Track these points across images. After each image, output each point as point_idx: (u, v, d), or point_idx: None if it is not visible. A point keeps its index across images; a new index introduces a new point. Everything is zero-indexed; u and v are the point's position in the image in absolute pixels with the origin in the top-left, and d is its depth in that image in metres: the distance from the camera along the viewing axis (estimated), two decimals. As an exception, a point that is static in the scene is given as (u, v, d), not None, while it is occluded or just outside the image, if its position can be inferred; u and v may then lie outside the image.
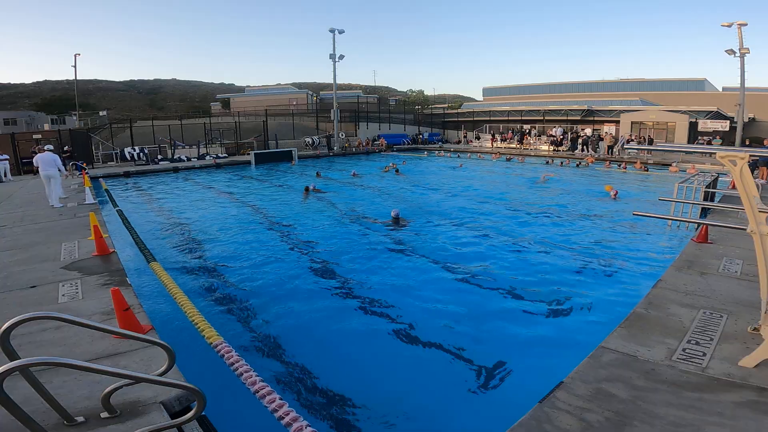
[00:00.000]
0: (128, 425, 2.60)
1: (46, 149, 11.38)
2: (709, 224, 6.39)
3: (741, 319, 4.13)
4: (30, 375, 2.27)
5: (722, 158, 3.10)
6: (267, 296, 6.50)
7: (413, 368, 4.70)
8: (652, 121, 29.20)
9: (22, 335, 3.62)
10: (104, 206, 11.79)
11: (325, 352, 5.02)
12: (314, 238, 9.58)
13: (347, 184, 17.66)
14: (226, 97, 72.54)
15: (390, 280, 7.04)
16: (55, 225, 8.65)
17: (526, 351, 4.89)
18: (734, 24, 22.50)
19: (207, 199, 14.82)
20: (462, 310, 5.94)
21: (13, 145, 21.02)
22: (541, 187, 16.58)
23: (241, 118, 34.56)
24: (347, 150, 32.33)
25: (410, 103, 62.99)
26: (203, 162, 24.31)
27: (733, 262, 5.79)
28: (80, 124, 40.76)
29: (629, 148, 25.86)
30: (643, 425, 2.71)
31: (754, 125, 27.93)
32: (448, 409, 4.06)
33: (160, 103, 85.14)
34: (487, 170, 22.42)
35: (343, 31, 30.74)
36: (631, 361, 3.48)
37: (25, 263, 6.08)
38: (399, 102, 62.24)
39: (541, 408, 2.90)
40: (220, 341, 3.48)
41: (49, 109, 64.23)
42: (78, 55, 35.28)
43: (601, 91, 39.51)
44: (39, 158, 11.01)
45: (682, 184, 9.61)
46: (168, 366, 2.65)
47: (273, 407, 2.60)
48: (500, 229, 10.26)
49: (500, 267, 7.63)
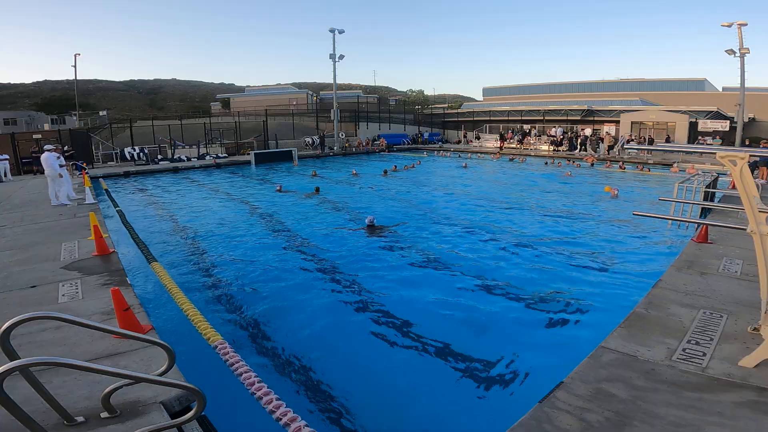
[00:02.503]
0: (128, 425, 2.60)
1: (45, 149, 11.49)
2: (709, 224, 6.39)
3: (741, 319, 4.13)
4: (30, 375, 2.27)
5: (722, 158, 3.10)
6: (267, 296, 6.50)
7: (413, 368, 4.70)
8: (652, 121, 29.20)
9: (22, 335, 3.62)
10: (104, 206, 11.79)
11: (324, 352, 5.01)
12: (315, 238, 9.57)
13: (348, 184, 17.66)
14: (226, 97, 72.54)
15: (390, 281, 7.03)
16: (55, 225, 8.65)
17: (526, 351, 4.88)
18: (734, 24, 22.50)
19: (207, 199, 14.82)
20: (461, 309, 5.94)
21: (13, 145, 21.01)
22: (541, 187, 16.58)
23: (241, 118, 34.53)
24: (347, 150, 32.32)
25: (410, 103, 62.99)
26: (203, 162, 24.31)
27: (733, 262, 5.79)
28: (80, 124, 40.74)
29: (629, 148, 25.86)
30: (643, 425, 2.71)
31: (754, 125, 27.93)
32: (448, 409, 4.06)
33: (160, 103, 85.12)
34: (490, 170, 22.43)
35: (343, 31, 30.75)
36: (631, 361, 3.48)
37: (25, 263, 6.08)
38: (399, 102, 62.25)
39: (541, 408, 2.90)
40: (220, 341, 3.48)
41: (49, 109, 64.21)
42: (78, 55, 35.36)
43: (601, 91, 39.53)
44: (41, 159, 11.25)
45: (682, 184, 9.61)
46: (168, 366, 2.65)
47: (271, 408, 2.60)
48: (500, 229, 10.26)
49: (500, 267, 7.63)
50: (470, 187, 16.63)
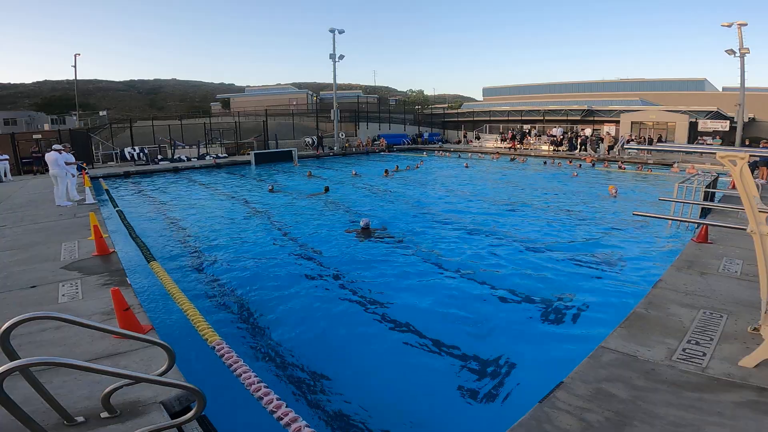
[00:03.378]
0: (128, 425, 2.60)
1: (53, 149, 11.28)
2: (709, 224, 6.39)
3: (741, 319, 4.13)
4: (30, 375, 2.27)
5: (722, 158, 3.10)
6: (267, 296, 6.50)
7: (413, 368, 4.70)
8: (652, 121, 29.21)
9: (22, 335, 3.62)
10: (104, 206, 11.79)
11: (325, 352, 5.01)
12: (315, 239, 9.57)
13: (351, 185, 17.65)
14: (226, 97, 72.51)
15: (390, 281, 7.03)
16: (55, 225, 8.65)
17: (526, 351, 4.89)
18: (734, 24, 22.51)
19: (207, 199, 14.82)
20: (461, 310, 5.93)
21: (13, 145, 21.02)
22: (541, 187, 16.58)
23: (241, 118, 34.51)
24: (347, 150, 32.32)
25: (410, 103, 62.98)
26: (203, 162, 24.31)
27: (733, 262, 5.79)
28: (80, 124, 40.74)
29: (629, 148, 25.86)
30: (643, 425, 2.71)
31: (754, 125, 27.94)
32: (448, 409, 4.06)
33: (160, 103, 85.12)
34: (491, 170, 22.42)
35: (343, 31, 30.76)
36: (631, 361, 3.48)
37: (25, 263, 6.08)
38: (399, 102, 62.23)
39: (541, 408, 2.90)
40: (220, 341, 3.48)
41: (49, 109, 64.21)
42: (78, 55, 35.30)
43: (601, 91, 39.52)
44: (46, 158, 11.10)
45: (682, 184, 9.61)
46: (168, 366, 2.65)
47: (272, 408, 2.60)
48: (500, 228, 10.26)
49: (500, 267, 7.63)
50: (468, 187, 16.63)
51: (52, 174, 10.83)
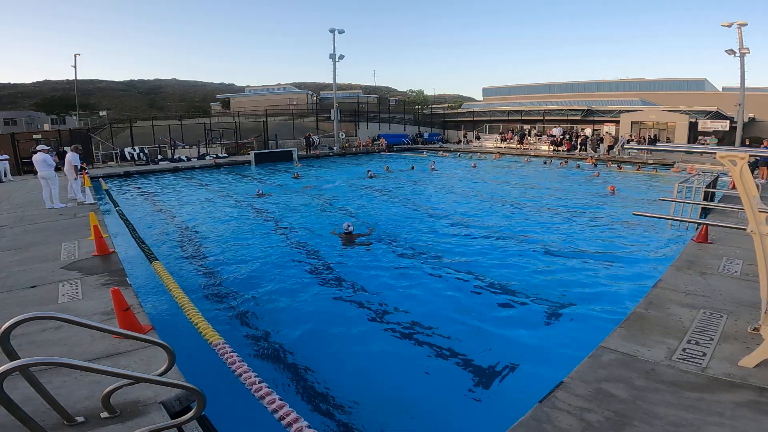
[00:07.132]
0: (128, 425, 2.60)
1: (38, 149, 10.67)
2: (709, 224, 6.39)
3: (741, 319, 4.13)
4: (30, 375, 2.27)
5: (722, 158, 3.10)
6: (267, 296, 6.50)
7: (413, 368, 4.70)
8: (652, 121, 29.20)
9: (22, 335, 3.62)
10: (104, 206, 11.79)
11: (325, 353, 5.01)
12: (315, 239, 9.57)
13: (352, 186, 17.65)
14: (226, 97, 72.42)
15: (390, 281, 7.03)
16: (55, 225, 8.65)
17: (527, 351, 4.89)
18: (734, 24, 22.51)
19: (207, 199, 14.81)
20: (461, 310, 5.94)
21: (13, 145, 21.02)
22: (540, 187, 16.56)
23: (241, 118, 34.50)
24: (347, 150, 32.31)
25: (410, 103, 62.94)
26: (203, 162, 24.30)
27: (733, 262, 5.79)
28: (80, 124, 40.69)
29: (629, 148, 25.87)
30: (643, 425, 2.71)
31: (754, 125, 27.92)
32: (449, 409, 4.06)
33: (160, 103, 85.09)
34: (493, 170, 22.41)
35: (343, 31, 30.75)
36: (631, 361, 3.48)
37: (25, 263, 6.08)
38: (399, 102, 62.20)
39: (541, 408, 2.90)
40: (220, 341, 3.47)
41: (49, 109, 64.17)
42: (78, 55, 35.20)
43: (601, 91, 39.49)
44: (33, 159, 10.48)
45: (683, 184, 9.61)
46: (168, 366, 2.65)
47: (273, 407, 2.60)
48: (500, 228, 10.26)
49: (500, 267, 7.62)
50: (468, 186, 16.62)
51: (41, 176, 10.22)
